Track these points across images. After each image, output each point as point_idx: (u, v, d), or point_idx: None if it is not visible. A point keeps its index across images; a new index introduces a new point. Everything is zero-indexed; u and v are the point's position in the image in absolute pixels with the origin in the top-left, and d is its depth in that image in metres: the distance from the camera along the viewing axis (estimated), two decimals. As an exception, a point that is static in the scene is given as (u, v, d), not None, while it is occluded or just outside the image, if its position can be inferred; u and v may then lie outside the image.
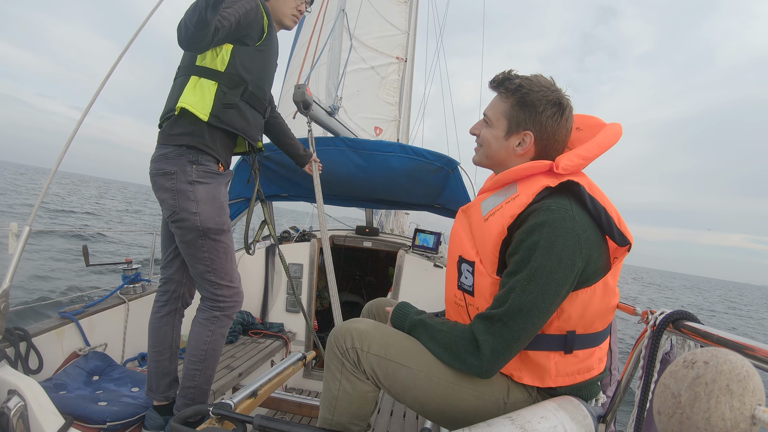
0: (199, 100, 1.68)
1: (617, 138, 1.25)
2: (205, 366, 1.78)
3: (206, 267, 1.74)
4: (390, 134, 6.41)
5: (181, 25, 1.50)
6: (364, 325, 1.23)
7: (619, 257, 1.19)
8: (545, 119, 1.23)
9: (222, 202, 1.76)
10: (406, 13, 6.58)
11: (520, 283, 1.07)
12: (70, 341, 2.11)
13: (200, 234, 1.69)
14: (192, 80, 1.70)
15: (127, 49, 1.79)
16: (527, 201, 1.14)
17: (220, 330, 1.79)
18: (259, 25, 1.77)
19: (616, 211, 1.16)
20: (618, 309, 1.51)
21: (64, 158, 1.68)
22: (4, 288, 1.48)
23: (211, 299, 1.77)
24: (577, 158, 1.19)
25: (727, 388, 0.61)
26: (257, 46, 1.79)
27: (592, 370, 1.20)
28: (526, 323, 1.06)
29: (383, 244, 4.00)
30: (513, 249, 1.12)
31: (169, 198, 1.68)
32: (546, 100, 1.22)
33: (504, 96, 1.27)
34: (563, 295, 1.08)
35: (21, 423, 1.29)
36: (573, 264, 1.06)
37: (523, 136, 1.25)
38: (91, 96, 1.75)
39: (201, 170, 1.69)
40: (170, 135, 1.70)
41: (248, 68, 1.77)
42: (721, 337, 0.90)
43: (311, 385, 3.68)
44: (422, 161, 2.84)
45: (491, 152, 1.32)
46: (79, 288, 8.05)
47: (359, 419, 1.26)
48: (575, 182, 1.14)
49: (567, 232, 1.07)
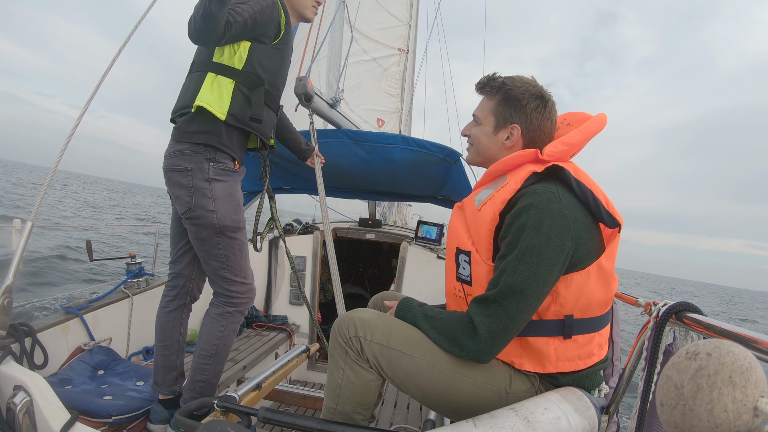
0: (217, 99, 1.65)
1: (601, 126, 1.31)
2: (215, 361, 1.79)
3: (221, 264, 1.74)
4: (392, 126, 6.38)
5: (191, 20, 1.49)
6: (368, 315, 1.25)
7: (613, 240, 1.20)
8: (530, 111, 1.30)
9: (238, 200, 1.77)
10: (407, 3, 6.53)
11: (510, 264, 1.10)
12: (74, 336, 2.12)
13: (216, 231, 1.69)
14: (209, 77, 1.67)
15: (124, 47, 1.78)
16: (516, 187, 1.19)
17: (232, 326, 1.80)
18: (276, 23, 1.74)
19: (603, 193, 1.20)
20: (621, 300, 1.50)
21: (63, 156, 1.68)
22: (8, 284, 1.48)
23: (225, 295, 1.78)
24: (561, 144, 1.25)
25: (730, 380, 0.61)
26: (275, 45, 1.77)
27: (592, 355, 1.21)
28: (520, 302, 1.08)
29: (386, 236, 4.01)
30: (503, 233, 1.16)
31: (185, 195, 1.67)
32: (529, 93, 1.30)
33: (490, 95, 1.36)
34: (555, 275, 1.10)
35: (27, 418, 1.30)
36: (562, 244, 1.09)
37: (511, 130, 1.32)
38: (90, 95, 1.74)
39: (218, 168, 1.69)
40: (186, 132, 1.67)
41: (265, 67, 1.75)
42: (724, 329, 0.90)
43: (315, 378, 3.70)
44: (425, 153, 2.83)
45: (482, 149, 1.39)
46: (83, 283, 8.10)
47: (363, 408, 1.28)
48: (560, 167, 1.19)
49: (554, 213, 1.10)
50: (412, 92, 7.52)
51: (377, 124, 6.19)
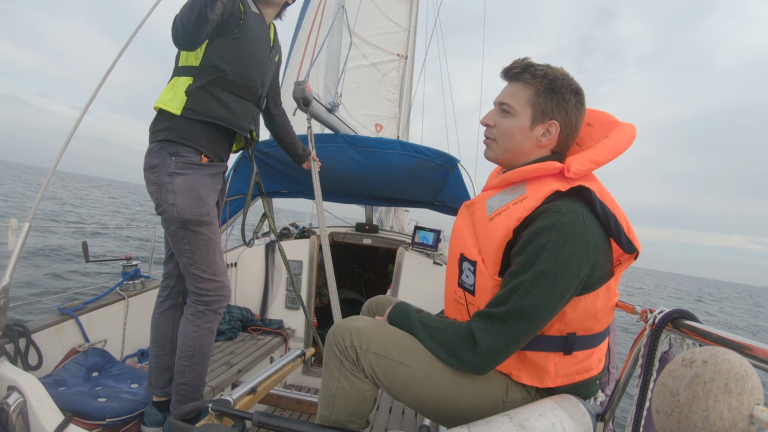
0: (173, 97, 1.70)
1: (631, 142, 1.20)
2: (194, 362, 1.77)
3: (188, 260, 1.73)
4: (390, 131, 6.39)
5: (177, 24, 1.49)
6: (363, 323, 1.22)
7: (624, 263, 1.16)
8: (570, 107, 1.19)
9: (201, 193, 1.72)
10: (406, 9, 6.55)
11: (523, 286, 1.05)
12: (69, 337, 2.11)
13: (179, 225, 1.69)
14: (172, 81, 1.74)
15: (126, 49, 1.78)
16: (535, 204, 1.11)
17: (206, 325, 1.78)
18: (237, 15, 1.73)
19: (625, 218, 1.13)
20: (617, 308, 1.51)
21: (63, 157, 1.68)
22: (4, 284, 1.47)
23: (195, 293, 1.77)
24: (589, 162, 1.14)
25: (726, 387, 0.61)
26: (234, 35, 1.76)
27: (591, 370, 1.20)
28: (527, 326, 1.05)
29: (383, 241, 4.00)
30: (518, 249, 1.10)
31: (154, 191, 1.70)
32: (570, 88, 1.19)
33: (528, 83, 1.20)
34: (566, 300, 1.07)
35: (20, 419, 1.29)
36: (579, 270, 1.04)
37: (549, 126, 1.21)
38: (91, 96, 1.75)
39: (180, 161, 1.69)
40: (153, 132, 1.73)
41: (225, 58, 1.75)
42: (720, 336, 0.90)
43: (310, 382, 3.69)
44: (422, 158, 2.84)
45: (512, 144, 1.24)
46: (78, 284, 8.06)
47: (357, 417, 1.25)
48: (586, 188, 1.11)
49: (576, 237, 1.04)
50: (410, 98, 7.53)
51: (375, 129, 6.20)
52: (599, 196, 1.11)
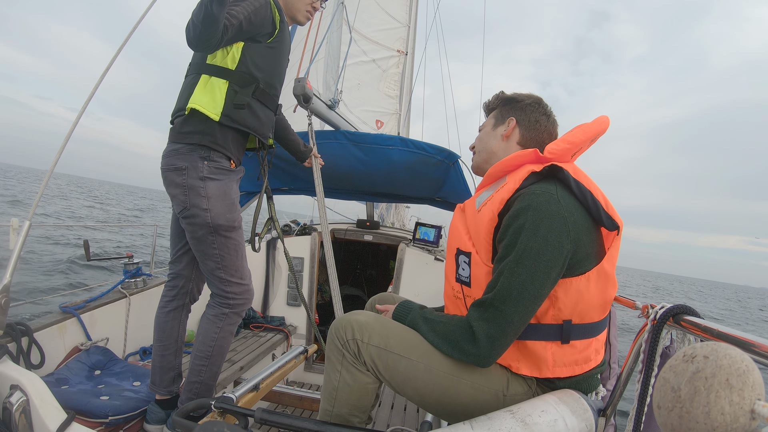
0: (210, 100, 1.66)
1: (603, 126, 1.30)
2: (211, 362, 1.78)
3: (216, 264, 1.73)
4: (391, 127, 6.38)
5: (189, 25, 1.48)
6: (365, 317, 1.25)
7: (613, 243, 1.19)
8: (525, 106, 1.39)
9: (233, 199, 1.75)
10: (406, 5, 6.52)
11: (508, 266, 1.09)
12: (71, 336, 2.11)
13: (211, 230, 1.69)
14: (203, 79, 1.68)
15: (122, 50, 1.78)
16: (515, 187, 1.18)
17: (228, 327, 1.79)
18: (270, 22, 1.73)
19: (603, 194, 1.18)
20: (618, 302, 1.51)
21: (60, 159, 1.68)
22: (5, 283, 1.48)
23: (221, 296, 1.77)
24: (562, 143, 1.24)
25: (727, 383, 0.61)
26: (269, 43, 1.76)
27: (589, 361, 1.21)
28: (518, 306, 1.07)
29: (384, 237, 4.01)
30: (501, 235, 1.15)
31: (180, 194, 1.67)
32: (527, 97, 1.42)
33: (495, 106, 1.49)
34: (554, 278, 1.09)
35: (23, 418, 1.29)
36: (561, 246, 1.08)
37: (507, 122, 1.40)
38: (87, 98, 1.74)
39: (212, 167, 1.68)
40: (181, 133, 1.68)
41: (259, 66, 1.75)
42: (721, 332, 0.90)
43: (312, 379, 3.70)
44: (423, 154, 2.83)
45: (483, 146, 1.47)
46: (79, 282, 8.07)
47: (360, 411, 1.27)
48: (559, 167, 1.17)
49: (552, 215, 1.09)
50: (410, 94, 7.52)
51: (376, 126, 6.19)
52: (573, 174, 1.17)
